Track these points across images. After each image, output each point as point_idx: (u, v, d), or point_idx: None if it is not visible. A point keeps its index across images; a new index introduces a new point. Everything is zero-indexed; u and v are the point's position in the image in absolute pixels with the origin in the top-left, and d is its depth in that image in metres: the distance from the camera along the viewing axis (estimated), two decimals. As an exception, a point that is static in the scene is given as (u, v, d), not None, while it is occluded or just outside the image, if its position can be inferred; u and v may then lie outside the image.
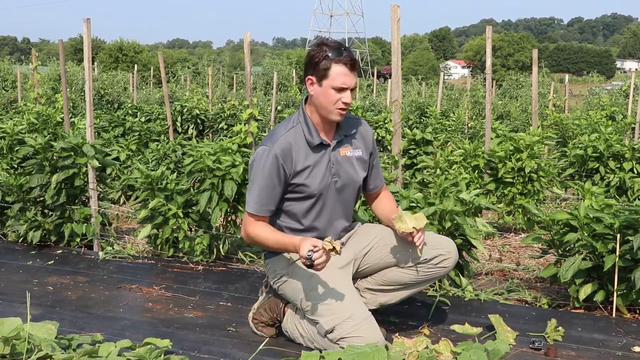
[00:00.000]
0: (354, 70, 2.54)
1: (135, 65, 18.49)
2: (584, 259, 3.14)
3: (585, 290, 3.14)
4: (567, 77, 16.15)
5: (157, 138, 8.20)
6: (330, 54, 2.50)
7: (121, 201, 6.54)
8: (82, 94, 12.90)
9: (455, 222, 3.26)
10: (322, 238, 2.52)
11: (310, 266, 2.36)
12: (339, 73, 2.50)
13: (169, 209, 3.95)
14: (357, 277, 2.79)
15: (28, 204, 4.36)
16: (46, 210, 4.40)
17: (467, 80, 16.28)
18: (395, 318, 3.00)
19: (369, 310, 2.56)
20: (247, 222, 2.64)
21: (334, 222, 2.72)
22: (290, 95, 17.97)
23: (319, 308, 2.51)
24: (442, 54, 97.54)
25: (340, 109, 2.55)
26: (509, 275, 4.06)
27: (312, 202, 2.64)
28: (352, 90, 2.56)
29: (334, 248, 2.33)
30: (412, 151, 6.70)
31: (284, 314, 2.76)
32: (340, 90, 2.52)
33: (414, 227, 2.53)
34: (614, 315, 3.11)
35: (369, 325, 2.46)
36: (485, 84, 5.87)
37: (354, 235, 2.82)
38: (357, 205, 3.32)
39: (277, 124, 2.79)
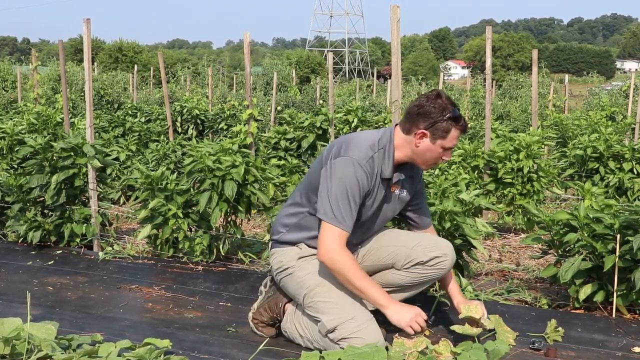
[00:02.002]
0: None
1: (135, 66, 18.50)
2: (583, 259, 3.14)
3: (585, 291, 3.14)
4: (567, 77, 16.16)
5: (157, 138, 8.20)
6: (452, 118, 2.50)
7: (121, 201, 6.54)
8: (82, 94, 12.90)
9: (455, 222, 3.26)
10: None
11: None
12: (455, 137, 2.54)
13: (169, 209, 3.95)
14: None
15: (28, 204, 4.36)
16: (46, 211, 4.40)
17: (467, 80, 16.27)
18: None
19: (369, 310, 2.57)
20: (336, 243, 2.46)
21: (351, 244, 2.69)
22: (290, 95, 17.97)
23: (322, 306, 2.51)
24: (442, 54, 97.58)
25: (434, 165, 2.62)
26: (508, 276, 4.06)
27: (359, 224, 2.62)
28: None
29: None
30: (412, 151, 6.68)
31: (283, 314, 2.76)
32: (448, 150, 2.57)
33: (485, 327, 2.63)
34: (613, 315, 3.11)
35: (371, 327, 2.46)
36: (485, 85, 5.87)
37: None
38: None
39: (360, 134, 2.66)
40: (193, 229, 4.14)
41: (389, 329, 2.77)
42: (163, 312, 3.16)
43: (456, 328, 2.86)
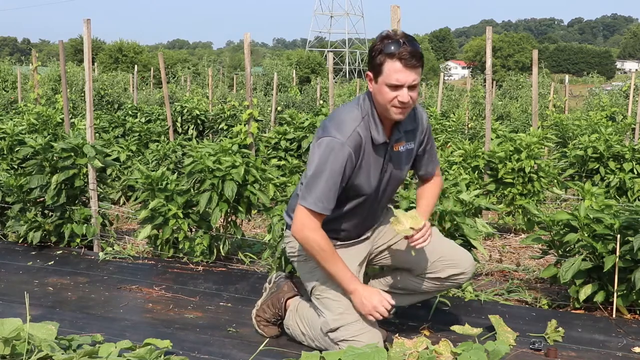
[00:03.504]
0: (414, 66, 2.28)
1: (135, 66, 18.48)
2: (584, 259, 3.14)
3: (586, 291, 3.14)
4: (567, 77, 16.17)
5: (157, 139, 8.20)
6: (384, 48, 2.29)
7: (121, 202, 6.54)
8: (82, 94, 12.91)
9: (455, 222, 3.26)
10: (346, 232, 2.56)
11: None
12: (392, 70, 2.28)
13: (169, 210, 3.95)
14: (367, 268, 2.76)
15: (28, 204, 4.36)
16: (46, 211, 4.40)
17: (467, 80, 16.27)
18: (395, 319, 3.00)
19: None
20: (308, 221, 2.37)
21: (373, 218, 2.61)
22: (291, 95, 17.97)
23: (329, 302, 2.49)
24: (442, 54, 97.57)
25: (397, 107, 2.32)
26: (509, 276, 4.06)
27: (358, 202, 2.49)
28: (414, 87, 2.31)
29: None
30: (412, 152, 6.68)
31: (285, 310, 2.75)
32: (395, 87, 2.30)
33: (411, 228, 2.45)
34: (614, 315, 3.11)
35: (372, 333, 2.45)
36: (485, 85, 5.87)
37: (382, 224, 2.71)
38: None
39: (341, 108, 2.49)
40: (193, 230, 4.14)
41: (390, 329, 2.77)
42: (163, 312, 3.16)
43: (456, 328, 2.86)
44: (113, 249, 4.28)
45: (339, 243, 2.59)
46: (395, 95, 2.30)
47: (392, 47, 2.27)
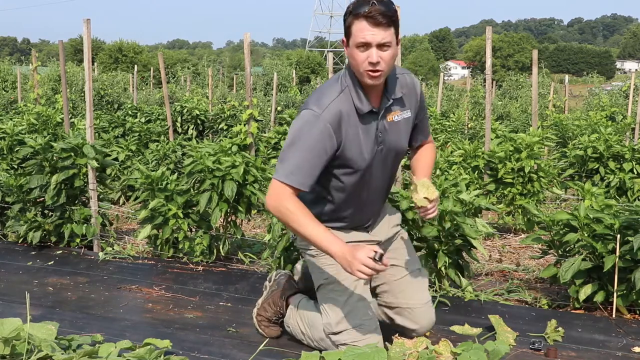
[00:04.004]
0: (382, 24, 2.18)
1: (135, 66, 18.48)
2: (584, 259, 3.14)
3: (585, 291, 3.14)
4: (567, 77, 16.16)
5: (157, 139, 8.20)
6: (354, 9, 2.22)
7: (121, 202, 6.54)
8: (82, 94, 12.91)
9: (455, 222, 3.26)
10: (349, 218, 2.46)
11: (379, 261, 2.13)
12: (359, 29, 2.20)
13: (169, 210, 3.95)
14: None
15: (28, 204, 4.36)
16: (46, 211, 4.40)
17: (467, 80, 16.28)
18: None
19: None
20: (280, 192, 2.26)
21: (373, 200, 2.51)
22: (290, 95, 17.96)
23: (334, 303, 2.45)
24: (442, 54, 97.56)
25: (368, 70, 2.22)
26: (509, 276, 4.06)
27: (356, 176, 2.38)
28: (385, 47, 2.21)
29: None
30: (412, 152, 6.68)
31: (286, 308, 2.75)
32: (364, 47, 2.21)
33: (425, 198, 2.36)
34: (614, 315, 3.11)
35: (374, 338, 2.42)
36: (485, 85, 5.87)
37: (380, 223, 2.65)
38: None
39: (322, 84, 2.43)
40: (193, 229, 4.14)
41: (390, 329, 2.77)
42: (163, 312, 3.16)
43: (456, 328, 2.86)
44: (113, 249, 4.28)
45: (351, 236, 2.51)
46: (366, 56, 2.21)
47: (361, 8, 2.20)
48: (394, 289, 2.57)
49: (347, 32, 2.26)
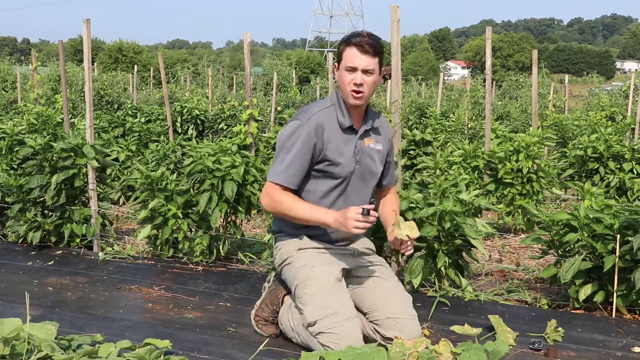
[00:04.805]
0: (369, 52, 2.58)
1: (135, 66, 18.47)
2: (583, 259, 3.14)
3: (585, 291, 3.14)
4: (567, 77, 16.15)
5: (157, 139, 8.20)
6: (347, 39, 2.63)
7: (121, 202, 6.54)
8: (82, 94, 12.91)
9: (455, 222, 3.26)
10: (335, 238, 2.72)
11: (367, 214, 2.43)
12: (350, 54, 2.59)
13: (169, 210, 3.95)
14: None
15: (28, 204, 4.36)
16: (46, 211, 4.40)
17: (467, 80, 16.28)
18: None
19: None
20: (271, 189, 2.64)
21: (346, 199, 2.73)
22: (290, 95, 17.98)
23: (308, 298, 2.54)
24: (442, 54, 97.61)
25: (353, 91, 2.61)
26: (508, 276, 4.06)
27: (336, 184, 2.68)
28: (368, 73, 2.60)
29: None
30: (412, 152, 6.70)
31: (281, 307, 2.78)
32: (351, 70, 2.60)
33: (407, 235, 2.60)
34: (613, 315, 3.11)
35: (350, 325, 2.45)
36: (485, 85, 5.87)
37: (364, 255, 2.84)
38: None
39: (312, 102, 2.86)
40: (193, 230, 4.14)
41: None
42: (163, 312, 3.16)
43: (456, 328, 2.87)
44: (113, 249, 4.28)
45: (327, 245, 2.73)
46: (352, 78, 2.60)
47: (353, 37, 2.61)
48: (380, 304, 2.64)
49: (339, 57, 2.66)
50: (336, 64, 2.70)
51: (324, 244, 2.74)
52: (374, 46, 2.59)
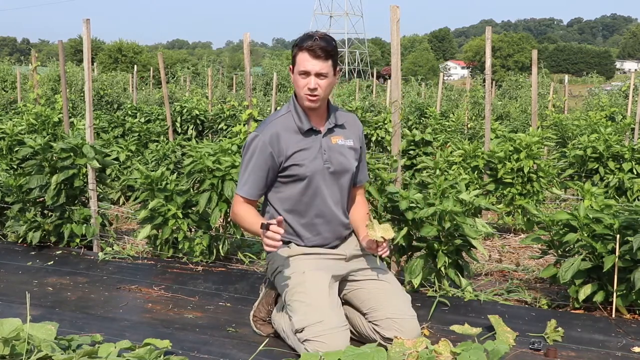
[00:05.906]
0: (321, 57, 2.55)
1: (135, 66, 18.47)
2: (583, 259, 3.14)
3: (585, 291, 3.14)
4: (566, 77, 16.15)
5: (157, 139, 8.20)
6: (299, 43, 2.60)
7: (121, 202, 6.54)
8: (82, 94, 12.90)
9: (455, 222, 3.26)
10: (323, 226, 2.69)
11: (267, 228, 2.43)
12: (302, 59, 2.58)
13: (169, 210, 3.95)
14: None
15: (28, 204, 4.36)
16: (46, 211, 4.40)
17: (466, 80, 16.28)
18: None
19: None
20: (235, 201, 2.76)
21: (331, 211, 2.72)
22: (290, 95, 17.97)
23: (297, 305, 2.53)
24: (442, 54, 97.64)
25: (307, 94, 2.61)
26: (508, 276, 4.06)
27: (305, 185, 2.67)
28: (322, 76, 2.58)
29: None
30: (411, 152, 6.70)
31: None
32: (305, 75, 2.59)
33: (382, 237, 2.59)
34: (613, 315, 3.11)
35: (337, 335, 2.43)
36: (484, 85, 5.87)
37: (358, 257, 2.79)
38: None
39: (272, 112, 2.86)
40: (193, 230, 4.14)
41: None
42: (163, 312, 3.16)
43: (456, 328, 2.86)
44: (112, 249, 4.28)
45: (316, 249, 2.71)
46: (306, 82, 2.60)
47: (305, 42, 2.58)
48: (379, 304, 2.63)
49: (293, 61, 2.65)
50: (291, 66, 2.69)
51: (314, 248, 2.72)
52: (325, 50, 2.56)
